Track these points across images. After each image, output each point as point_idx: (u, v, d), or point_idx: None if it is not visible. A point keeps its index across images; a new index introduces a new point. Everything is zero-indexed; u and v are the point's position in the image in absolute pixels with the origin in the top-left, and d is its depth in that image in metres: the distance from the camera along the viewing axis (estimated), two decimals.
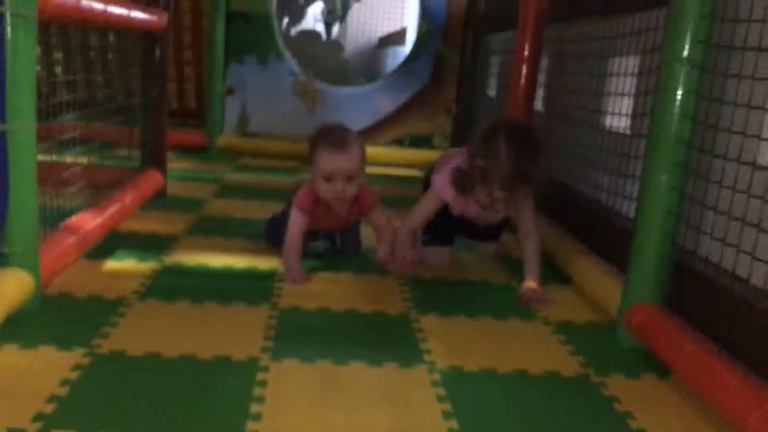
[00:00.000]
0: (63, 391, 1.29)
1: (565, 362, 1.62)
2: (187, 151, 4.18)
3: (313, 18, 7.12)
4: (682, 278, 1.69)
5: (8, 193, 1.52)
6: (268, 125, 4.42)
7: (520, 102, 2.90)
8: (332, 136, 2.09)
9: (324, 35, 6.89)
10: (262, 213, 2.85)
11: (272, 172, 3.89)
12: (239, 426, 1.22)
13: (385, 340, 1.67)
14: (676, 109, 1.62)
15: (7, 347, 1.45)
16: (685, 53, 1.60)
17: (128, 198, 2.45)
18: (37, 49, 1.57)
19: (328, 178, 2.05)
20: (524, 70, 2.88)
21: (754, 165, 1.45)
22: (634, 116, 2.10)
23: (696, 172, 1.65)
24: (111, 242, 2.22)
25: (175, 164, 3.61)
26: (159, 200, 2.88)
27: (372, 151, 4.07)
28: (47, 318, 1.62)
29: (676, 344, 1.52)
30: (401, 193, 3.35)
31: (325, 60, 5.66)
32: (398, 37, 8.06)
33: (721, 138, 1.59)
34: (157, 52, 2.81)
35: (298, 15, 6.55)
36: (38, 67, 1.61)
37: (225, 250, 2.28)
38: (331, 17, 8.17)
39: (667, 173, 1.65)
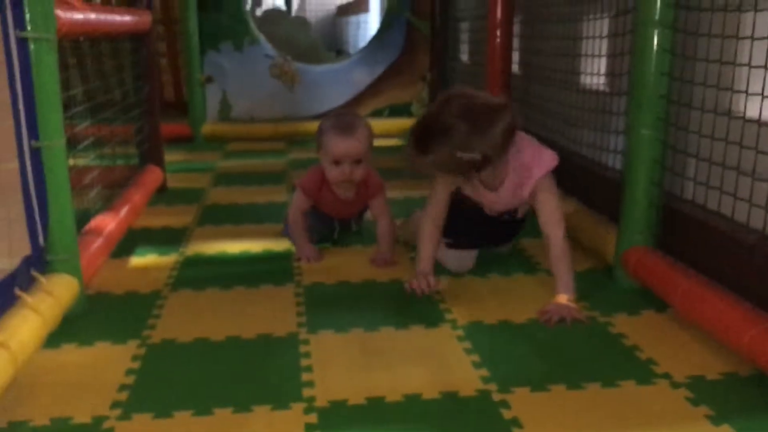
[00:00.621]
0: (129, 380, 1.42)
1: None
2: (173, 142, 4.24)
3: None
4: (671, 221, 1.85)
5: (47, 205, 1.63)
6: (250, 109, 4.51)
7: (497, 65, 3.02)
8: (340, 120, 2.13)
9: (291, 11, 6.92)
10: (263, 197, 2.98)
11: (261, 155, 3.99)
12: (296, 393, 1.37)
13: (406, 305, 1.82)
14: (653, 68, 1.77)
15: (66, 347, 1.58)
16: (657, 16, 1.74)
17: (137, 196, 2.55)
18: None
19: (337, 162, 2.09)
20: (498, 35, 3.00)
21: (729, 115, 1.61)
22: (612, 75, 2.24)
23: (677, 124, 1.80)
24: (130, 240, 2.33)
25: (166, 157, 3.69)
26: (162, 195, 2.99)
27: None
28: (95, 317, 1.74)
29: (671, 280, 1.69)
30: (386, 165, 3.47)
31: (296, 39, 5.72)
32: (361, 3, 8.07)
33: (697, 92, 1.74)
34: (145, 51, 2.89)
35: None
36: None
37: (238, 236, 2.41)
38: None
39: (649, 127, 1.80)
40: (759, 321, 1.41)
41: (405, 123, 4.40)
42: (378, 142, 4.26)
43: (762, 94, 1.48)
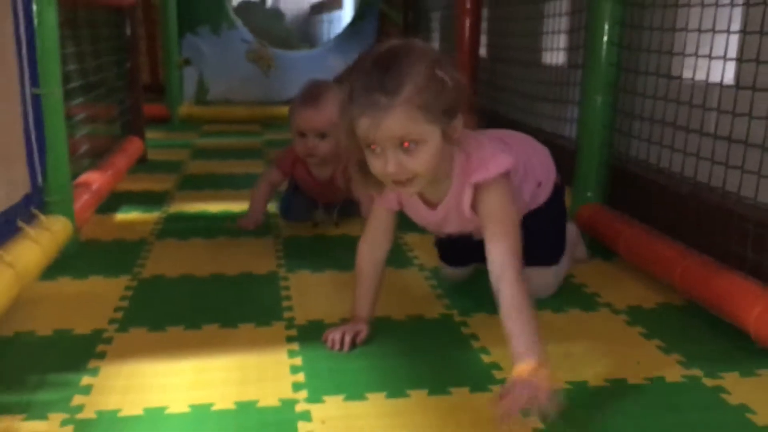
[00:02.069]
0: (124, 304, 1.56)
1: None
2: (151, 123, 4.34)
3: None
4: (620, 178, 2.04)
5: (45, 150, 1.75)
6: (226, 92, 4.63)
7: (466, 50, 3.19)
8: (309, 90, 2.04)
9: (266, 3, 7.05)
10: (240, 169, 3.11)
11: (237, 135, 4.11)
12: (277, 314, 1.51)
13: None
14: (605, 38, 1.95)
15: (62, 279, 1.70)
16: None
17: (120, 162, 2.67)
18: None
19: (302, 134, 2.01)
20: (467, 22, 3.17)
21: (668, 77, 1.79)
22: (570, 50, 2.42)
23: (624, 89, 1.99)
24: (114, 200, 2.44)
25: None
26: (142, 165, 3.10)
27: None
28: (87, 256, 1.87)
29: (616, 230, 1.87)
30: None
31: (270, 29, 5.85)
32: (334, 1, 8.22)
33: (642, 57, 1.92)
34: (128, 26, 3.01)
35: None
36: None
37: (217, 198, 2.54)
38: None
39: (601, 93, 1.98)
40: (689, 257, 1.59)
41: None
42: None
43: (704, 56, 1.67)
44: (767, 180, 1.49)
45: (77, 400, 1.16)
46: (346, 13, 7.47)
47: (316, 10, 9.24)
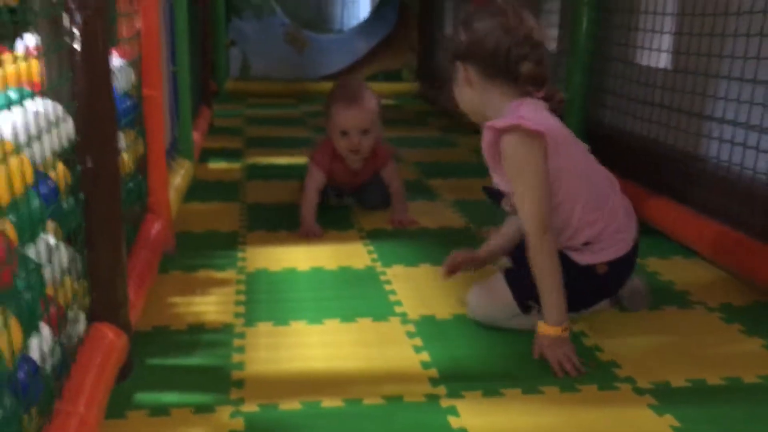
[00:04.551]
0: (245, 219, 2.25)
1: None
2: None
3: None
4: (596, 140, 2.72)
5: (177, 113, 2.44)
6: (266, 69, 5.30)
7: None
8: (347, 91, 2.13)
9: None
10: (289, 133, 3.79)
11: (278, 107, 4.79)
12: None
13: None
14: (584, 33, 2.62)
15: (193, 203, 2.40)
16: None
17: (203, 125, 3.36)
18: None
19: (345, 132, 2.11)
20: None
21: (632, 63, 2.48)
22: (559, 40, 3.09)
23: (600, 71, 2.67)
24: (204, 154, 3.13)
25: None
26: (212, 129, 3.78)
27: None
28: (203, 189, 2.56)
29: None
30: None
31: (298, 12, 6.48)
32: None
33: (612, 48, 2.60)
34: (201, 15, 3.68)
35: None
36: None
37: (279, 154, 3.21)
38: None
39: (580, 74, 2.66)
40: (651, 195, 2.28)
41: (396, 86, 5.29)
42: None
43: (650, 48, 2.35)
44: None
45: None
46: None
47: None
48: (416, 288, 1.75)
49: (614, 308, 1.65)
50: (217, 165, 2.99)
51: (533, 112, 1.39)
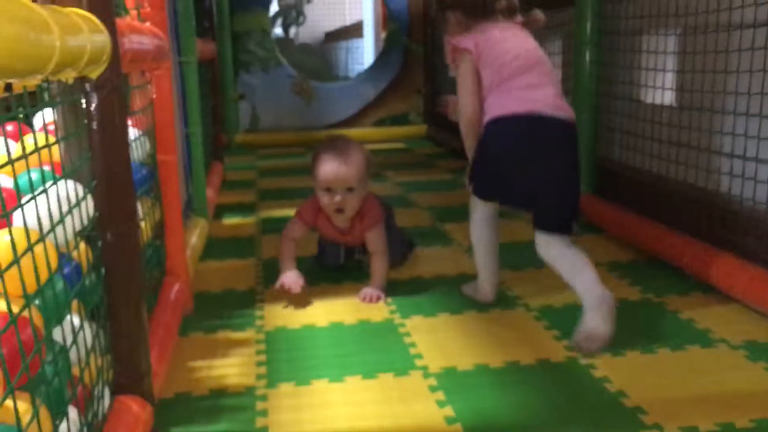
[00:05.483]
0: (260, 274, 2.26)
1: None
2: None
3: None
4: (604, 174, 2.73)
5: (191, 173, 2.48)
6: (275, 121, 5.38)
7: None
8: (332, 146, 2.06)
9: (294, 39, 7.82)
10: (301, 183, 3.80)
11: (288, 157, 4.85)
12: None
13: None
14: (587, 73, 2.65)
15: (210, 261, 2.42)
16: (588, 38, 2.63)
17: (215, 181, 3.40)
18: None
19: (328, 189, 2.02)
20: None
21: (638, 101, 2.50)
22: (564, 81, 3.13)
23: (606, 109, 2.70)
24: (217, 210, 3.17)
25: None
26: (225, 184, 3.82)
27: (360, 132, 5.11)
28: (218, 247, 2.59)
29: (602, 210, 2.56)
30: (390, 161, 4.35)
31: (302, 63, 6.60)
32: (355, 29, 8.94)
33: (615, 87, 2.63)
34: (210, 73, 3.76)
35: None
36: None
37: (293, 206, 3.18)
38: (288, 20, 9.05)
39: (587, 113, 2.69)
40: (655, 227, 2.29)
41: (404, 130, 5.35)
42: (382, 146, 5.18)
43: (654, 86, 2.37)
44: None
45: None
46: (367, 42, 8.19)
47: (331, 38, 9.95)
48: (436, 339, 1.75)
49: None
50: (231, 220, 3.02)
51: (481, 33, 1.81)
